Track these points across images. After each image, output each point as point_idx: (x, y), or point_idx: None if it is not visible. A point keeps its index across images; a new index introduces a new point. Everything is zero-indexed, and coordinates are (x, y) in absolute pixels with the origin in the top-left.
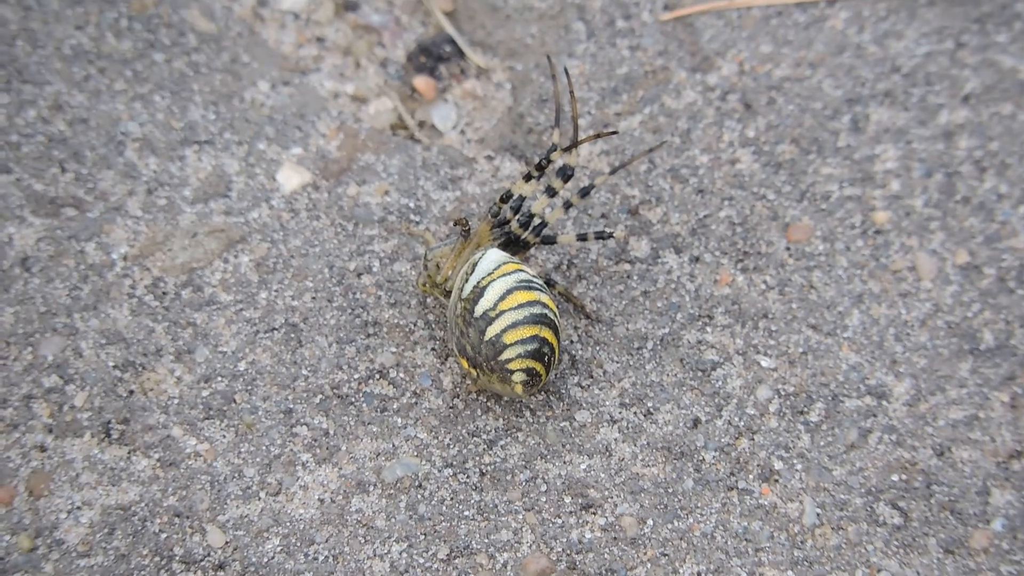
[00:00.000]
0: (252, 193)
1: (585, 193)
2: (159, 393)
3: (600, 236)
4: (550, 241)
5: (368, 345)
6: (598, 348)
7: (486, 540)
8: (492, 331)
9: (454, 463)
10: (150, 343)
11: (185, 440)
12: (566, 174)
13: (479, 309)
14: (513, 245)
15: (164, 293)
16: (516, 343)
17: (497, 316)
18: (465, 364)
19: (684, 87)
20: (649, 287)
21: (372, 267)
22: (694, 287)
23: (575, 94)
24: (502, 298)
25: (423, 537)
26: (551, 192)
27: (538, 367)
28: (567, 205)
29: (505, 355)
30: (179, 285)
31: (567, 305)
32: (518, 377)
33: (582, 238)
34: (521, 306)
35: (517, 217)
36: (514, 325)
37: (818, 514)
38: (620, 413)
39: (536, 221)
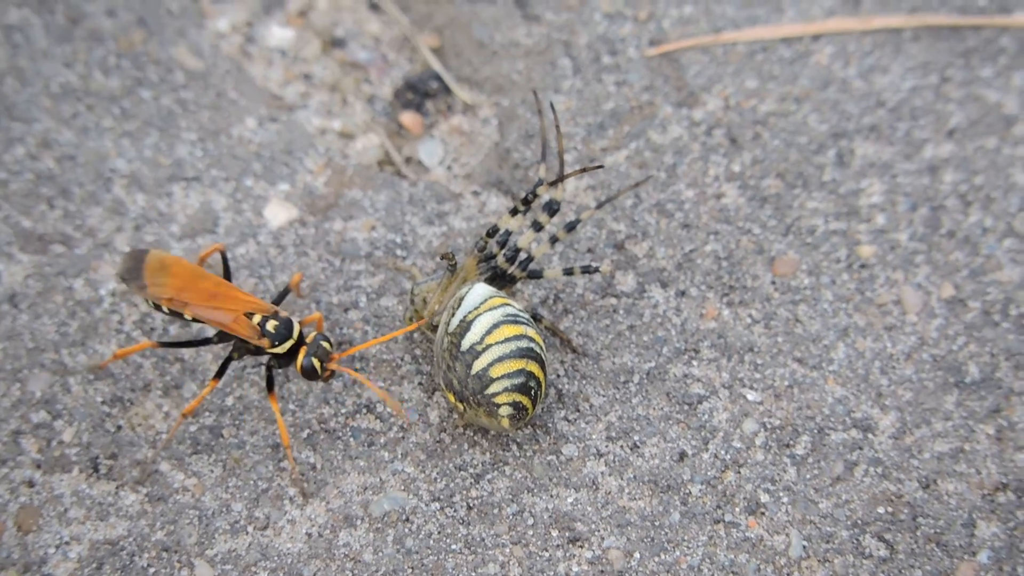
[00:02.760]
0: (239, 229)
1: (571, 228)
2: (147, 428)
3: (586, 270)
4: (536, 275)
5: (355, 380)
6: (584, 382)
7: (473, 573)
8: (479, 365)
9: (441, 497)
10: (138, 379)
11: (173, 475)
12: (552, 208)
13: (466, 343)
14: (500, 280)
15: (152, 329)
16: (503, 377)
17: (484, 350)
18: (452, 398)
19: (670, 122)
20: (635, 321)
21: (359, 302)
22: (680, 321)
23: (561, 129)
24: (489, 332)
25: (410, 571)
26: (537, 227)
27: (525, 401)
28: (553, 240)
29: (492, 389)
30: (166, 321)
31: (553, 339)
32: (505, 411)
33: (568, 272)
34: (508, 340)
35: (503, 252)
36: (501, 359)
37: (804, 547)
38: (607, 447)
39: (522, 255)
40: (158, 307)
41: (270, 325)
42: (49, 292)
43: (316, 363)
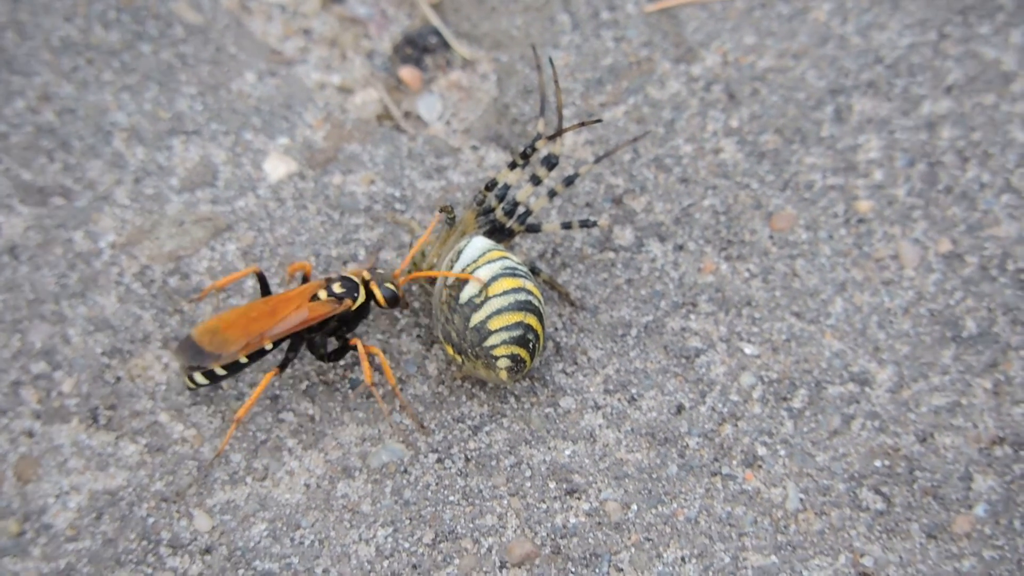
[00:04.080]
0: (239, 182)
1: (569, 182)
2: (146, 379)
3: (584, 224)
4: (535, 229)
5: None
6: (582, 335)
7: (471, 525)
8: (477, 318)
9: (439, 449)
10: (137, 330)
11: (172, 426)
12: (551, 163)
13: (464, 296)
14: (498, 233)
15: (151, 281)
16: (501, 329)
17: (482, 303)
18: (450, 351)
19: (668, 78)
20: (633, 275)
21: (358, 255)
22: (678, 275)
23: (559, 84)
24: (487, 285)
25: (408, 522)
26: (536, 180)
27: (523, 353)
28: (551, 194)
29: (490, 341)
30: (166, 273)
31: (552, 293)
32: (503, 363)
33: (567, 226)
34: (506, 292)
35: (502, 205)
36: (499, 312)
37: (801, 499)
38: (604, 399)
39: (521, 209)
40: (242, 364)
41: (336, 288)
42: (49, 244)
43: (391, 287)
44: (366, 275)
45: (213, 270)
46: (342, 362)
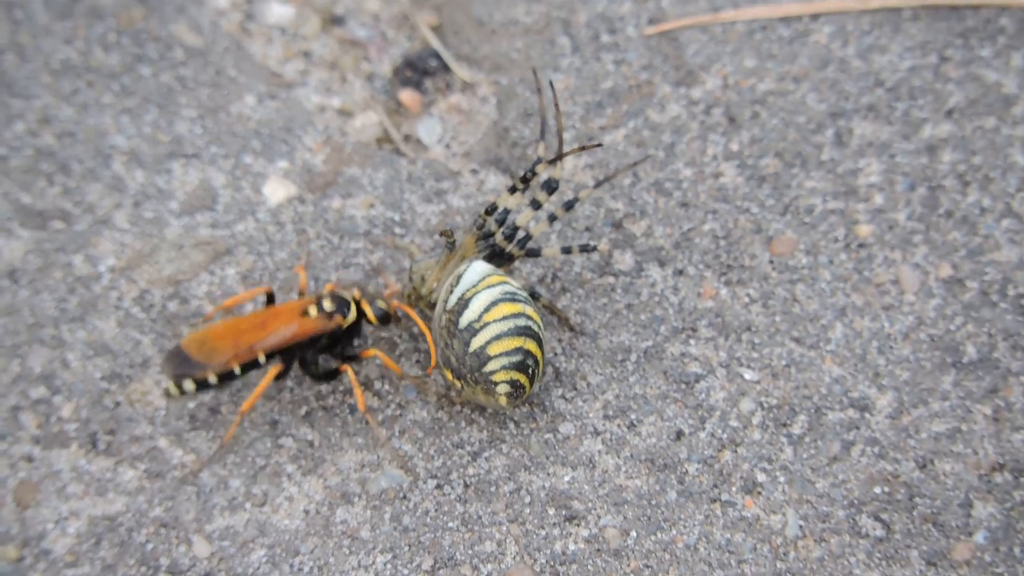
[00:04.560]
0: (238, 206)
1: (570, 206)
2: (146, 404)
3: (584, 249)
4: (535, 254)
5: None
6: (582, 360)
7: (470, 551)
8: (477, 343)
9: (438, 475)
10: (137, 354)
11: (171, 451)
12: (551, 187)
13: (464, 321)
14: (498, 258)
15: (151, 305)
16: (500, 355)
17: (482, 328)
18: (449, 375)
19: (668, 101)
20: (633, 300)
21: (357, 280)
22: (678, 300)
23: (560, 107)
24: (487, 310)
25: (407, 548)
26: (536, 205)
27: (522, 379)
28: (552, 218)
29: (489, 367)
30: (166, 297)
31: (551, 318)
32: (502, 389)
33: (567, 251)
34: (506, 318)
35: (502, 230)
36: (498, 337)
37: (801, 526)
38: (604, 425)
39: (521, 234)
40: (233, 375)
41: (327, 305)
42: (48, 268)
43: (383, 304)
44: (356, 294)
45: (212, 294)
46: (341, 387)
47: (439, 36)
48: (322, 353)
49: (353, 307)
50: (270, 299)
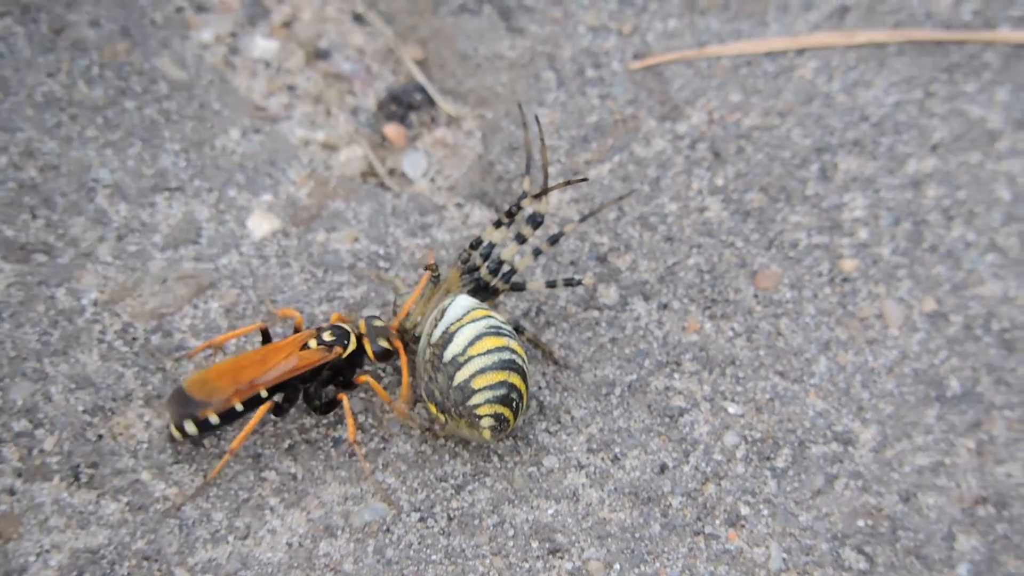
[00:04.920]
0: (222, 239)
1: (555, 240)
2: (128, 437)
3: (569, 283)
4: (519, 288)
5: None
6: (566, 394)
7: None
8: (461, 376)
9: (422, 508)
10: (119, 388)
11: (154, 484)
12: (536, 221)
13: (448, 354)
14: (482, 292)
15: (134, 339)
16: (484, 388)
17: (466, 361)
18: (433, 409)
19: (653, 135)
20: (617, 334)
21: (345, 312)
22: (662, 334)
23: (545, 142)
24: (471, 343)
25: None
26: (521, 239)
27: (506, 412)
28: (536, 252)
29: (473, 400)
30: (149, 331)
31: (535, 351)
32: (486, 422)
33: (551, 285)
34: (490, 352)
35: (487, 264)
36: (483, 371)
37: (784, 559)
38: (588, 458)
39: (505, 268)
40: (236, 413)
41: (327, 336)
42: (31, 301)
43: (385, 343)
44: (362, 328)
45: (196, 328)
46: (324, 420)
47: (424, 70)
48: (325, 385)
49: (353, 338)
50: (264, 335)
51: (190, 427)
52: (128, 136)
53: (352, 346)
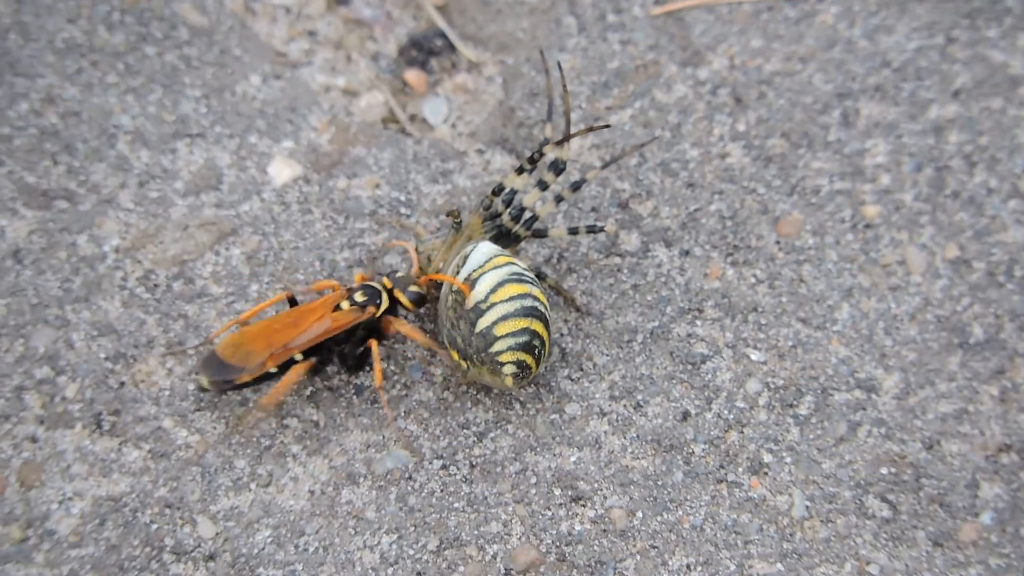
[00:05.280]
0: (243, 186)
1: (576, 187)
2: (150, 385)
3: (591, 230)
4: (541, 234)
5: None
6: (588, 341)
7: (476, 532)
8: (483, 323)
9: (444, 455)
10: (141, 335)
11: (176, 432)
12: (558, 168)
13: (470, 301)
14: (504, 238)
15: (155, 285)
16: (507, 335)
17: (488, 308)
18: (455, 356)
19: (675, 81)
20: (639, 280)
21: (363, 260)
22: (684, 280)
23: (567, 88)
24: (493, 290)
25: (413, 528)
26: (543, 186)
27: (528, 360)
28: (558, 199)
29: (495, 347)
30: (170, 277)
31: (557, 298)
32: (508, 369)
33: (573, 232)
34: (512, 299)
35: (509, 210)
36: (505, 318)
37: (807, 507)
38: (610, 406)
39: (527, 215)
40: (269, 375)
41: (359, 297)
42: (53, 248)
43: (416, 288)
44: (387, 283)
45: (217, 274)
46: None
47: (444, 16)
48: (359, 346)
49: (384, 296)
50: (292, 303)
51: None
52: (149, 82)
53: (385, 304)
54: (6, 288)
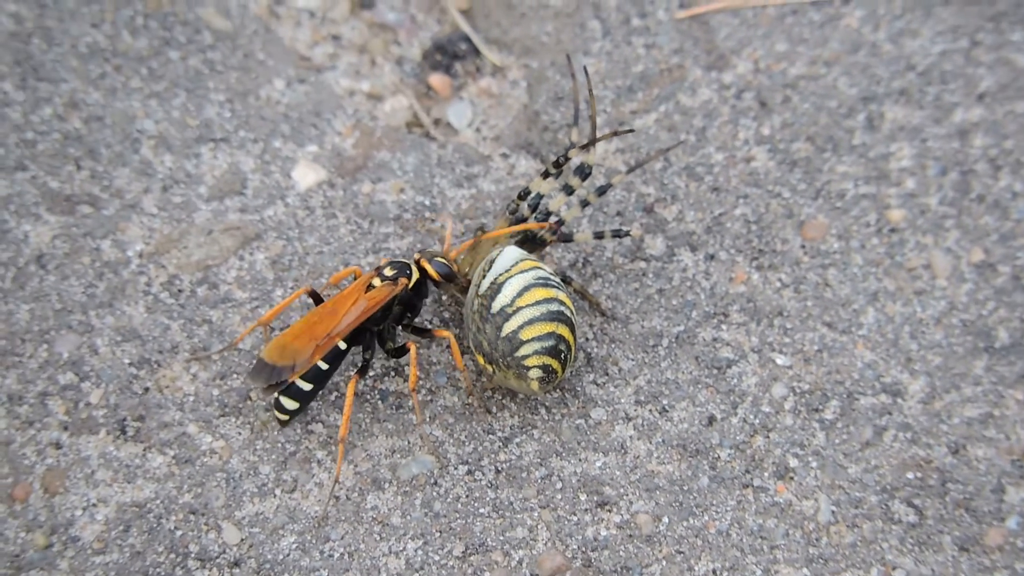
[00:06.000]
0: (267, 191)
1: (602, 192)
2: (175, 390)
3: (617, 234)
4: (567, 239)
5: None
6: (613, 346)
7: (501, 537)
8: (509, 327)
9: (469, 460)
10: (166, 340)
11: (201, 437)
12: (584, 172)
13: (496, 305)
14: (530, 243)
15: (180, 290)
16: (533, 339)
17: (514, 312)
18: (481, 360)
19: (699, 85)
20: (664, 285)
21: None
22: (709, 285)
23: (593, 92)
24: (519, 295)
25: (438, 534)
26: (568, 190)
27: (554, 364)
28: (584, 203)
29: (522, 351)
30: (195, 282)
31: (583, 302)
32: (534, 374)
33: (599, 236)
34: (538, 303)
35: (535, 215)
36: (531, 322)
37: (833, 512)
38: (635, 411)
39: (553, 219)
40: (323, 373)
41: (388, 272)
42: (76, 253)
43: (443, 261)
44: (416, 256)
45: (242, 279)
46: (371, 373)
47: (469, 19)
48: (397, 323)
49: (414, 267)
50: (314, 297)
51: (289, 403)
52: (172, 87)
53: (415, 274)
54: (30, 293)
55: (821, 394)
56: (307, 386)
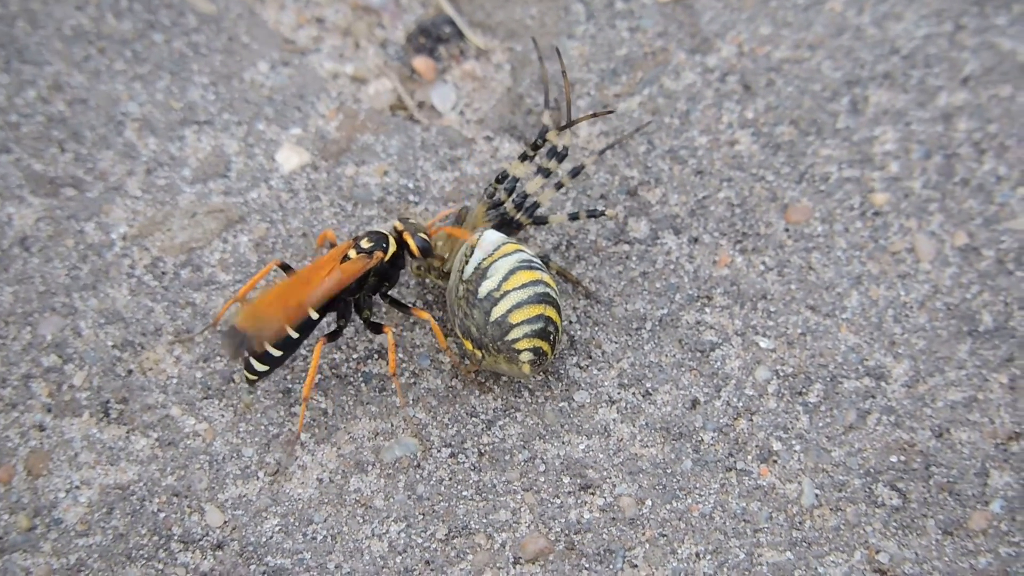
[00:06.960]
0: (251, 173)
1: (575, 173)
2: (158, 372)
3: (592, 214)
4: (542, 221)
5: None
6: (597, 328)
7: (484, 520)
8: (497, 312)
9: (452, 443)
10: (149, 322)
11: (184, 419)
12: (560, 155)
13: (483, 290)
14: (506, 226)
15: (163, 273)
16: (522, 323)
17: (502, 297)
18: (470, 346)
19: (683, 68)
20: (648, 268)
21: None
22: (693, 268)
23: (568, 75)
24: (506, 278)
25: (421, 517)
26: (545, 173)
27: (544, 346)
28: (558, 185)
29: (512, 335)
30: (178, 265)
31: (565, 285)
32: (525, 356)
33: (574, 217)
34: (525, 286)
35: (512, 198)
36: (519, 305)
37: (817, 495)
38: (619, 393)
39: (530, 202)
40: (293, 342)
41: (365, 243)
42: (60, 235)
43: (424, 236)
44: (399, 225)
45: (225, 262)
46: (355, 355)
47: (453, 3)
48: (373, 293)
49: (392, 239)
50: (284, 269)
51: (258, 365)
52: (157, 69)
53: (392, 247)
54: (13, 276)
55: (804, 377)
56: (277, 352)
